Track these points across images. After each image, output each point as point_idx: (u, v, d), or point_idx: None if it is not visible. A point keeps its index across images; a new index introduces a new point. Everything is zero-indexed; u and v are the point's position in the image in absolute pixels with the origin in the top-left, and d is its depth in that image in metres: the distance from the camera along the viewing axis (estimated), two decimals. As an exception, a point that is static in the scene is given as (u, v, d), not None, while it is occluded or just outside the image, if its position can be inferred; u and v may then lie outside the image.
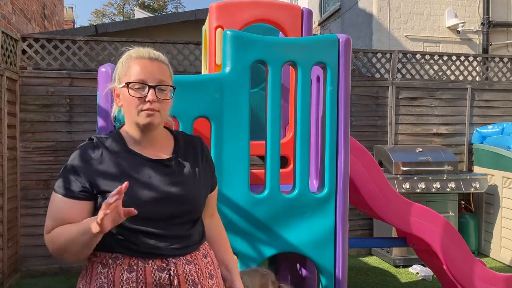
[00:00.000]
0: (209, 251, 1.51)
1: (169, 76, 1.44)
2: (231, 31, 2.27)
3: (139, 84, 1.37)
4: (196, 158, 1.50)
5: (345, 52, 2.34)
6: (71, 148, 4.53)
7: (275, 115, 2.29)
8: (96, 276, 1.35)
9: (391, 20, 7.06)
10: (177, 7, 27.26)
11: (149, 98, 1.36)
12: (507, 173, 4.82)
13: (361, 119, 5.20)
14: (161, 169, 1.41)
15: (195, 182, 1.45)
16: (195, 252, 1.43)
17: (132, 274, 1.33)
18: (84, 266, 1.42)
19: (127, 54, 1.44)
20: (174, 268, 1.36)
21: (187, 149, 1.50)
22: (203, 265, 1.44)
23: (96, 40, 4.70)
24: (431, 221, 2.90)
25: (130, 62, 1.41)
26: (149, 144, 1.43)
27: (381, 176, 2.89)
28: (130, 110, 1.39)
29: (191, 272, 1.38)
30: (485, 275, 2.93)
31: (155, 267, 1.34)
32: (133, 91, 1.37)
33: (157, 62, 1.41)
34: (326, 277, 2.37)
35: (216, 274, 1.49)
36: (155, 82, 1.38)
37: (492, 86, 5.57)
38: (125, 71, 1.42)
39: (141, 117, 1.37)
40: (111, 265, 1.35)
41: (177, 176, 1.42)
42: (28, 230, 4.44)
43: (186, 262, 1.39)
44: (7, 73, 4.11)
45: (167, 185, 1.39)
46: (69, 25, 13.12)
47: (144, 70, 1.38)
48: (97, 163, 1.37)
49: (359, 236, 5.16)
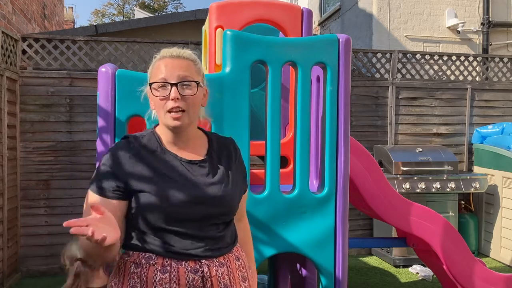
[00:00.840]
0: (241, 253, 1.50)
1: (195, 72, 1.39)
2: (231, 31, 2.27)
3: (160, 83, 1.35)
4: (229, 159, 1.48)
5: (345, 52, 2.34)
6: (71, 148, 4.54)
7: (275, 115, 2.29)
8: (129, 275, 1.34)
9: (391, 20, 7.06)
10: (177, 7, 27.28)
11: (172, 96, 1.33)
12: (507, 173, 4.82)
13: (361, 119, 5.20)
14: (196, 170, 1.40)
15: (229, 183, 1.43)
16: (227, 254, 1.42)
17: (165, 275, 1.31)
18: (116, 264, 1.40)
19: (155, 57, 1.43)
20: (207, 270, 1.34)
21: (221, 150, 1.48)
22: (235, 268, 1.43)
23: (96, 40, 4.70)
24: (431, 221, 2.90)
25: (155, 64, 1.40)
26: (184, 145, 1.42)
27: (381, 176, 2.89)
28: (158, 112, 1.39)
29: (223, 275, 1.37)
30: (485, 275, 2.93)
31: (188, 268, 1.33)
32: (156, 91, 1.36)
33: (179, 59, 1.38)
34: (326, 277, 2.37)
35: (248, 276, 1.48)
36: (177, 79, 1.34)
37: (492, 86, 5.57)
38: (150, 73, 1.41)
39: (168, 119, 1.35)
40: (144, 265, 1.33)
41: (212, 177, 1.41)
42: (28, 230, 4.44)
43: (219, 264, 1.38)
44: (7, 73, 4.11)
45: (202, 186, 1.38)
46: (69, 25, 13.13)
47: (165, 68, 1.36)
48: (132, 162, 1.35)
49: (359, 236, 5.16)
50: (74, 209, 4.55)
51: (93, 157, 4.47)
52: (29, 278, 4.36)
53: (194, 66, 1.40)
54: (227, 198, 1.40)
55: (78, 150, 4.55)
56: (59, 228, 4.53)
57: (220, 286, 1.36)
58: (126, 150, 1.37)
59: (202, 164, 1.42)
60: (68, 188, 4.54)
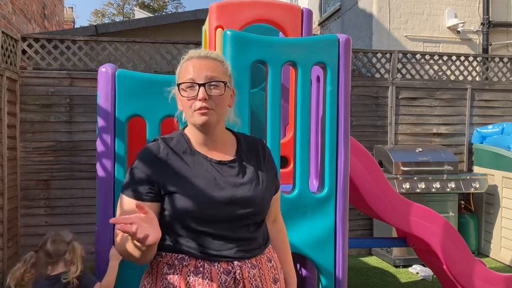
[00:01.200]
0: (273, 254, 1.50)
1: (222, 72, 1.40)
2: (231, 31, 2.27)
3: (188, 83, 1.36)
4: (258, 160, 1.49)
5: (345, 52, 2.34)
6: (71, 148, 4.54)
7: (275, 115, 2.29)
8: (162, 276, 1.35)
9: (391, 20, 7.06)
10: (177, 7, 27.27)
11: (199, 97, 1.34)
12: (507, 173, 4.82)
13: (361, 119, 5.20)
14: (226, 171, 1.41)
15: (259, 183, 1.43)
16: (259, 255, 1.42)
17: (198, 276, 1.32)
18: (149, 264, 1.41)
19: (183, 58, 1.44)
20: (240, 271, 1.35)
21: (249, 151, 1.49)
22: (267, 269, 1.43)
23: (96, 40, 4.70)
24: (431, 221, 2.90)
25: (183, 64, 1.42)
26: (213, 145, 1.43)
27: (381, 176, 2.89)
28: (186, 112, 1.39)
29: (255, 277, 1.38)
30: (485, 275, 2.93)
31: (221, 270, 1.33)
32: (184, 92, 1.37)
33: (206, 59, 1.39)
34: (326, 277, 2.37)
35: (279, 278, 1.48)
36: (205, 80, 1.35)
37: (492, 86, 5.57)
38: (178, 73, 1.42)
39: (196, 117, 1.36)
40: (177, 266, 1.34)
41: (242, 177, 1.42)
42: (28, 230, 4.44)
43: (251, 266, 1.38)
44: (7, 73, 4.11)
45: (233, 187, 1.38)
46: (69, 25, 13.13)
47: (193, 69, 1.37)
48: (162, 165, 1.37)
49: (359, 236, 5.15)
50: (74, 209, 4.55)
51: (93, 157, 4.47)
52: (29, 278, 4.36)
53: (221, 66, 1.41)
54: (257, 198, 1.41)
55: (78, 150, 4.55)
56: (59, 228, 4.53)
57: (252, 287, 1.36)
58: (156, 153, 1.39)
59: (231, 165, 1.43)
60: (68, 188, 4.54)
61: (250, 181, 1.42)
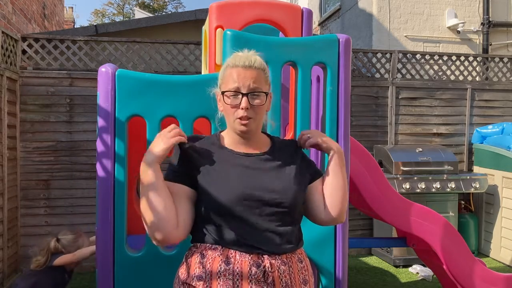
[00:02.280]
0: (305, 258, 1.55)
1: (264, 82, 1.49)
2: (231, 31, 2.27)
3: (233, 92, 1.45)
4: (291, 157, 1.55)
5: (345, 52, 2.34)
6: (71, 148, 4.54)
7: (275, 115, 2.29)
8: (195, 265, 1.43)
9: (391, 20, 7.06)
10: (177, 7, 27.28)
11: (242, 106, 1.43)
12: (507, 173, 4.82)
13: (361, 119, 5.20)
14: (255, 163, 1.48)
15: (290, 179, 1.48)
16: (291, 255, 1.47)
17: (229, 266, 1.38)
18: (185, 255, 1.50)
19: (226, 62, 1.52)
20: (269, 265, 1.40)
21: (282, 149, 1.56)
22: (297, 269, 1.47)
23: (96, 40, 4.70)
24: (431, 221, 2.90)
25: (227, 71, 1.49)
26: (244, 145, 1.51)
27: (381, 176, 2.89)
28: (227, 117, 1.49)
29: (284, 274, 1.42)
30: (485, 275, 2.93)
31: (252, 262, 1.39)
32: (228, 99, 1.46)
33: (251, 69, 1.46)
34: (326, 277, 2.37)
35: (309, 281, 1.51)
36: (248, 90, 1.44)
37: (492, 86, 5.57)
38: (222, 79, 1.50)
39: (236, 124, 1.46)
40: (210, 256, 1.41)
41: (271, 169, 1.49)
42: (28, 230, 4.45)
43: (281, 262, 1.43)
44: (7, 73, 4.11)
45: (260, 176, 1.46)
46: (69, 25, 13.13)
47: (238, 78, 1.45)
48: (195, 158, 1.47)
49: (359, 236, 5.16)
50: (74, 209, 4.55)
51: (93, 157, 4.47)
52: (29, 278, 4.36)
53: (263, 75, 1.49)
54: (286, 192, 1.45)
55: (78, 150, 4.55)
56: (59, 228, 4.51)
57: (281, 283, 1.41)
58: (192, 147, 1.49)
59: (260, 157, 1.50)
60: (68, 188, 4.54)
61: (280, 175, 1.48)
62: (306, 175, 1.55)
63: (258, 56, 1.50)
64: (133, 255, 2.13)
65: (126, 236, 2.14)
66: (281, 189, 1.45)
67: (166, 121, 2.22)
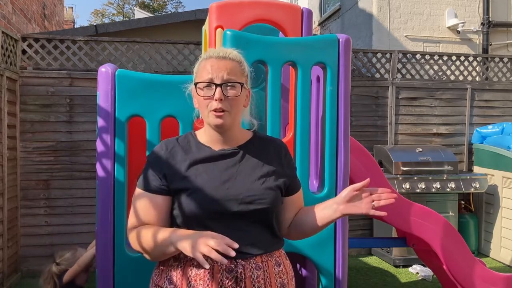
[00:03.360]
0: (285, 260, 1.48)
1: (240, 73, 1.42)
2: (231, 31, 2.27)
3: (205, 83, 1.38)
4: (267, 158, 1.47)
5: (345, 52, 2.34)
6: (71, 148, 4.54)
7: (275, 115, 2.29)
8: (168, 268, 1.40)
9: (391, 20, 7.06)
10: (177, 7, 27.27)
11: (216, 97, 1.36)
12: (507, 173, 4.82)
13: (361, 119, 5.20)
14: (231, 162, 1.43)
15: (266, 179, 1.42)
16: (266, 257, 1.41)
17: (200, 271, 1.35)
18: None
19: (201, 56, 1.46)
20: (242, 271, 1.35)
21: (259, 147, 1.49)
22: (274, 273, 1.41)
23: (96, 40, 4.70)
24: (431, 221, 2.90)
25: (201, 63, 1.43)
26: (221, 142, 1.45)
27: (381, 176, 2.89)
28: (202, 111, 1.42)
29: (258, 279, 1.37)
30: (485, 275, 2.93)
31: (223, 267, 1.34)
32: (201, 91, 1.39)
33: (225, 60, 1.40)
34: (326, 277, 2.37)
35: (289, 284, 1.45)
36: (222, 80, 1.37)
37: (492, 86, 5.57)
38: (196, 72, 1.44)
39: (211, 117, 1.39)
40: (183, 259, 1.38)
41: (247, 170, 1.43)
42: (28, 230, 4.45)
43: (255, 267, 1.38)
44: (7, 73, 4.11)
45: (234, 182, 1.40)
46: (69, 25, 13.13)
47: (212, 69, 1.38)
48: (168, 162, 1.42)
49: (359, 236, 5.16)
50: (74, 209, 4.55)
51: (93, 157, 4.47)
52: (29, 278, 4.36)
53: (239, 67, 1.43)
54: (262, 193, 1.40)
55: (78, 150, 4.55)
56: (59, 228, 4.53)
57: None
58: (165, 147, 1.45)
59: (236, 153, 1.44)
60: (68, 188, 4.54)
61: (257, 173, 1.43)
62: (284, 179, 1.47)
63: (235, 51, 1.45)
64: (133, 255, 2.13)
65: (126, 236, 2.14)
66: (256, 190, 1.39)
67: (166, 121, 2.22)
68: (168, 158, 1.43)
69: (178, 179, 1.39)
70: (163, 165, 1.42)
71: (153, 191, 1.40)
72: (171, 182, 1.39)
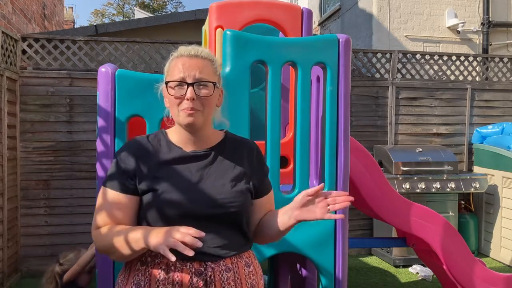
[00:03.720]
0: (254, 260, 1.46)
1: (212, 72, 1.38)
2: (231, 31, 2.27)
3: (177, 82, 1.35)
4: (239, 160, 1.44)
5: (345, 52, 2.34)
6: (71, 148, 4.54)
7: (275, 115, 2.29)
8: (134, 272, 1.35)
9: (391, 20, 7.06)
10: (177, 7, 27.27)
11: (187, 96, 1.33)
12: (507, 173, 4.82)
13: (361, 119, 5.20)
14: (201, 164, 1.39)
15: (230, 182, 1.40)
16: (236, 259, 1.39)
17: (169, 275, 1.31)
18: (125, 262, 1.41)
19: (172, 54, 1.43)
20: (212, 273, 1.32)
21: (231, 149, 1.46)
22: (244, 274, 1.39)
23: (96, 40, 4.70)
24: (431, 221, 2.90)
25: (172, 62, 1.40)
26: (193, 142, 1.41)
27: (381, 176, 2.89)
28: (172, 110, 1.38)
29: (228, 281, 1.34)
30: (485, 275, 2.93)
31: (193, 270, 1.31)
32: (172, 90, 1.36)
33: (197, 58, 1.37)
34: (326, 277, 2.37)
35: (258, 284, 1.44)
36: (194, 79, 1.34)
37: (492, 86, 5.57)
38: (167, 71, 1.41)
39: (182, 116, 1.35)
40: (150, 263, 1.34)
41: (218, 171, 1.40)
42: (28, 230, 4.45)
43: (225, 269, 1.35)
44: (7, 73, 4.11)
45: (200, 182, 1.36)
46: (69, 25, 13.13)
47: (183, 67, 1.35)
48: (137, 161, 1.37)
49: (359, 236, 5.15)
50: (74, 209, 4.55)
51: (93, 157, 4.47)
52: (29, 278, 4.36)
53: (211, 66, 1.39)
54: (225, 195, 1.37)
55: (78, 150, 4.55)
56: (59, 228, 4.53)
57: None
58: (135, 148, 1.40)
59: (207, 155, 1.41)
60: (68, 188, 4.54)
61: (227, 174, 1.40)
62: (254, 181, 1.45)
63: (206, 49, 1.42)
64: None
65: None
66: (226, 193, 1.37)
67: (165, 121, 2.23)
68: (137, 157, 1.37)
69: (148, 179, 1.34)
70: (132, 164, 1.36)
71: (120, 190, 1.35)
72: (140, 181, 1.35)
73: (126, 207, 1.35)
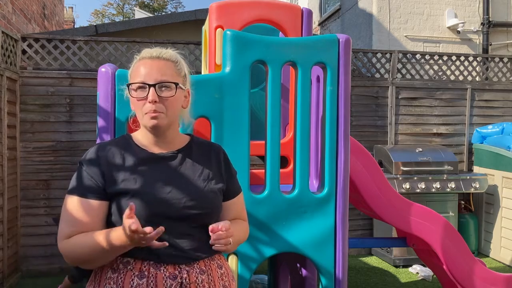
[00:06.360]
0: (225, 262, 1.47)
1: (175, 73, 1.37)
2: (231, 31, 2.27)
3: (138, 84, 1.34)
4: (207, 162, 1.44)
5: (345, 52, 2.34)
6: (71, 148, 4.54)
7: (275, 115, 2.29)
8: (105, 281, 1.31)
9: (391, 20, 7.06)
10: (177, 7, 27.26)
11: (149, 99, 1.32)
12: (507, 173, 4.82)
13: (361, 119, 5.20)
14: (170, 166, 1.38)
15: (200, 184, 1.39)
16: (209, 261, 1.39)
17: (142, 281, 1.28)
18: (93, 271, 1.37)
19: (135, 57, 1.42)
20: (187, 276, 1.31)
21: (198, 152, 1.45)
22: (217, 276, 1.39)
23: (96, 40, 4.70)
24: (431, 221, 2.90)
25: (135, 64, 1.40)
26: (158, 144, 1.40)
27: (381, 176, 2.89)
28: (137, 113, 1.37)
29: (203, 283, 1.34)
30: (485, 275, 2.93)
31: (167, 274, 1.30)
32: (134, 92, 1.35)
33: (158, 60, 1.36)
34: (326, 277, 2.37)
35: (230, 285, 1.44)
36: (155, 81, 1.33)
37: (492, 86, 5.57)
38: (130, 74, 1.40)
39: (146, 119, 1.34)
40: (122, 270, 1.30)
41: (186, 174, 1.39)
42: (28, 230, 4.45)
43: (199, 271, 1.34)
44: (7, 73, 4.11)
45: (171, 183, 1.35)
46: (69, 25, 13.12)
47: (144, 69, 1.35)
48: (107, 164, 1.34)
49: (359, 236, 5.16)
50: (74, 209, 4.54)
51: (93, 157, 4.46)
52: (29, 278, 4.36)
53: (174, 67, 1.38)
54: (201, 197, 1.37)
55: (78, 150, 4.55)
56: (59, 228, 4.53)
57: None
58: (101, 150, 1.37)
59: (174, 157, 1.40)
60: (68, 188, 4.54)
61: (188, 179, 1.38)
62: (223, 183, 1.45)
63: (171, 50, 1.41)
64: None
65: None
66: (197, 194, 1.36)
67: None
68: (105, 161, 1.34)
69: (117, 183, 1.32)
70: (99, 168, 1.33)
71: (88, 196, 1.31)
72: (109, 186, 1.32)
73: (95, 213, 1.31)
